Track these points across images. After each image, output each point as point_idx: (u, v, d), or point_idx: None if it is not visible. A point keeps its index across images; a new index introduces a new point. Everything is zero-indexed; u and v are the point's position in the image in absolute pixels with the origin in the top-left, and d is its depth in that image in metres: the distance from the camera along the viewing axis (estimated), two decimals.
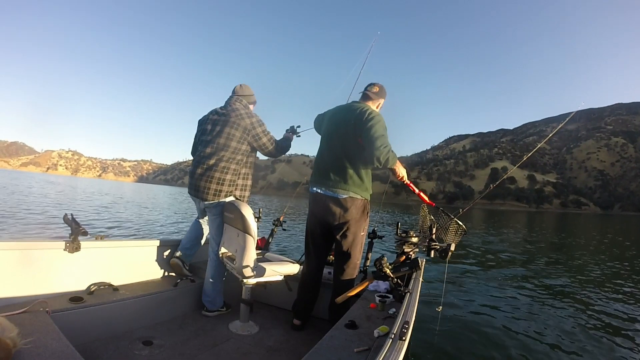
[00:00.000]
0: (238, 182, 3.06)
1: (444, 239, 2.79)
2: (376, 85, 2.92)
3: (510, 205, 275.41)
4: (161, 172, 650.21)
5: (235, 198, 3.05)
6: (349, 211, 2.70)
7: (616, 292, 6.81)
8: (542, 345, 3.97)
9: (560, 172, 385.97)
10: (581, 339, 4.21)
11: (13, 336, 1.50)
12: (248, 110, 3.17)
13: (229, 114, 3.06)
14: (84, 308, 2.31)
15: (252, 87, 3.27)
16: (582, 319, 4.98)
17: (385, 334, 1.76)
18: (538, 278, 7.84)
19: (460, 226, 2.78)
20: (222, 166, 2.97)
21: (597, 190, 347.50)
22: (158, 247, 3.20)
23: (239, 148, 3.03)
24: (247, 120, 3.07)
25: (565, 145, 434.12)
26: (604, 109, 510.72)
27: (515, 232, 22.99)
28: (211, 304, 3.07)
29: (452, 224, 2.80)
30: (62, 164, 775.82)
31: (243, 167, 3.09)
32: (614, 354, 3.88)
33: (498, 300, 5.74)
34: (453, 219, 2.79)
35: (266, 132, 3.17)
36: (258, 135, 3.12)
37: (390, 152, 2.52)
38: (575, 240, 19.23)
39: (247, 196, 3.15)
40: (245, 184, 3.14)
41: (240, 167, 3.06)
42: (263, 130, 3.15)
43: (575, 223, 43.55)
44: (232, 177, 3.01)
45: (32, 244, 2.32)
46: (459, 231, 2.80)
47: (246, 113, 3.11)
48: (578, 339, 4.21)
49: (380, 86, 2.93)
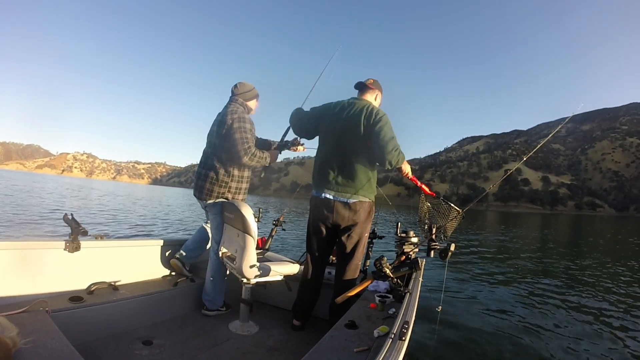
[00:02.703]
0: (231, 185, 3.04)
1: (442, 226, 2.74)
2: (371, 78, 2.88)
3: (524, 208, 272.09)
4: (175, 175, 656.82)
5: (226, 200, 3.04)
6: (358, 214, 2.69)
7: (623, 295, 6.70)
8: (542, 345, 3.95)
9: (574, 174, 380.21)
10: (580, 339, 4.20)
11: (13, 336, 1.51)
12: (241, 110, 3.10)
13: (226, 113, 3.05)
14: (83, 308, 2.32)
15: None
16: (582, 320, 4.95)
17: (385, 334, 1.75)
18: (540, 280, 7.78)
19: (458, 211, 2.72)
20: (217, 166, 2.98)
21: (612, 191, 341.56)
22: (158, 247, 3.21)
23: (224, 146, 3.00)
24: (230, 115, 2.96)
25: (580, 146, 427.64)
26: (618, 109, 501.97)
27: (525, 234, 22.70)
28: (211, 303, 3.07)
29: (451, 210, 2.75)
30: (77, 166, 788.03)
31: (236, 169, 3.05)
32: (612, 355, 3.85)
33: (498, 301, 5.72)
34: (449, 204, 2.75)
35: (242, 129, 2.92)
36: (234, 129, 2.90)
37: (401, 153, 2.54)
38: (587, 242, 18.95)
39: (242, 199, 3.11)
40: (239, 187, 3.10)
41: (232, 169, 3.03)
42: (239, 126, 2.92)
43: (589, 226, 42.87)
44: (224, 177, 3.00)
45: (32, 244, 2.34)
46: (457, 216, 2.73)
47: (234, 109, 3.04)
48: (577, 340, 4.19)
49: (374, 79, 2.89)
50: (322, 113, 2.89)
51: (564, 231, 29.36)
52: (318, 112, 2.92)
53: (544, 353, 3.76)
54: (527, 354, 3.71)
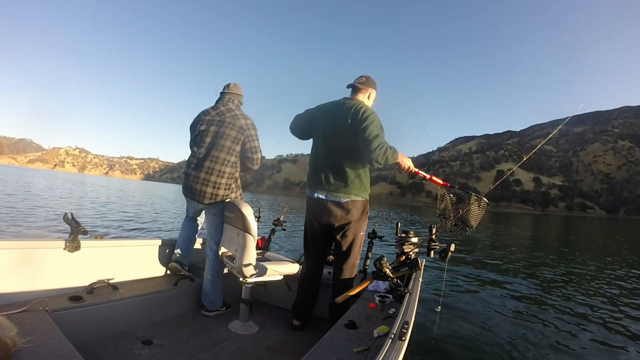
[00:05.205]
0: (233, 186, 3.05)
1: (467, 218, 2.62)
2: (363, 76, 2.85)
3: (515, 208, 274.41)
4: (167, 171, 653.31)
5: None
6: (351, 213, 2.69)
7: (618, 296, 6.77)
8: (541, 346, 3.98)
9: (566, 175, 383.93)
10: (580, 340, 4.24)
11: (13, 335, 1.50)
12: (242, 111, 3.13)
13: (224, 113, 3.02)
14: (83, 307, 2.30)
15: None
16: (582, 321, 4.98)
17: (384, 334, 1.76)
18: (538, 280, 7.85)
19: (482, 199, 2.62)
20: (218, 169, 2.93)
21: (603, 193, 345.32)
22: (158, 247, 3.19)
23: (234, 149, 2.99)
24: (242, 120, 3.03)
25: (572, 148, 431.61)
26: (611, 112, 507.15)
27: (519, 234, 22.88)
28: (211, 304, 3.05)
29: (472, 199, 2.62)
30: (69, 161, 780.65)
31: (236, 171, 3.06)
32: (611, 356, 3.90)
33: (498, 301, 5.75)
34: (470, 193, 2.65)
35: (257, 136, 3.12)
36: (252, 137, 3.07)
37: (388, 150, 2.46)
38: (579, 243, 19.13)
39: (239, 197, 3.14)
40: (238, 187, 3.13)
41: (234, 170, 3.03)
42: (256, 133, 3.10)
43: (579, 227, 43.28)
44: (228, 180, 2.99)
45: (32, 243, 2.32)
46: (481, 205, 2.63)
47: (241, 113, 3.08)
48: (577, 340, 4.23)
49: (367, 77, 2.86)
50: (315, 114, 2.89)
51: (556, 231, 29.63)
52: (311, 114, 2.92)
53: (544, 353, 3.80)
54: (526, 354, 3.74)
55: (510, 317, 4.94)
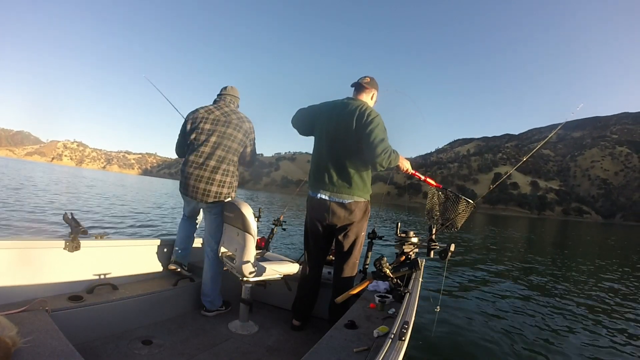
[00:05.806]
0: (235, 185, 3.05)
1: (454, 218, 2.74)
2: (368, 76, 2.86)
3: (512, 211, 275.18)
4: (165, 166, 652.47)
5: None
6: (354, 213, 2.69)
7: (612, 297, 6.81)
8: (540, 346, 4.01)
9: (563, 180, 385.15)
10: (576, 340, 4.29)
11: (12, 335, 1.49)
12: (243, 114, 3.13)
13: (230, 114, 3.01)
14: (83, 307, 2.29)
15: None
16: (581, 321, 5.04)
17: (384, 334, 1.75)
18: (535, 281, 7.90)
19: (469, 202, 2.71)
20: (224, 169, 2.93)
21: (600, 198, 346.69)
22: (158, 246, 3.18)
23: (238, 150, 3.01)
24: (247, 124, 3.06)
25: (570, 153, 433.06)
26: (609, 118, 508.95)
27: (515, 237, 22.96)
28: (211, 304, 3.04)
29: (460, 202, 2.75)
30: (67, 155, 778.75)
31: (237, 170, 3.08)
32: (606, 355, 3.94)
33: (496, 301, 5.79)
34: (459, 195, 2.75)
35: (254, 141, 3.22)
36: (253, 141, 3.15)
37: (392, 154, 2.48)
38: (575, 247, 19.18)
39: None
40: (236, 185, 3.14)
41: (236, 170, 3.05)
42: (255, 137, 3.18)
43: (575, 231, 43.42)
44: (231, 179, 3.00)
45: (32, 243, 2.31)
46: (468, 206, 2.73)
47: (244, 116, 3.09)
48: (573, 340, 4.28)
49: (371, 77, 2.87)
50: (318, 112, 2.87)
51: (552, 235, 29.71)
52: (315, 111, 2.90)
53: (541, 352, 3.83)
54: (525, 354, 3.77)
55: (508, 317, 4.98)
